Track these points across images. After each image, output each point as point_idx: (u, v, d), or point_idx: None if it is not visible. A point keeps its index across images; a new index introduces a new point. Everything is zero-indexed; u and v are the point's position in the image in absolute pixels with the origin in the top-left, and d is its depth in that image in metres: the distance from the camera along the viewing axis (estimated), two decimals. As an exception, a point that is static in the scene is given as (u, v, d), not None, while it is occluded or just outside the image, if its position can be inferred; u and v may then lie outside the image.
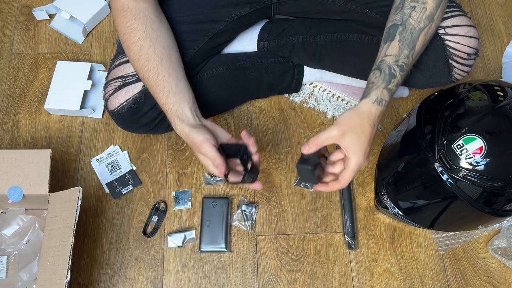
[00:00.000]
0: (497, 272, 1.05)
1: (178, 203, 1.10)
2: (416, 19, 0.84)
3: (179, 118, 0.87)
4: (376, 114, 0.81)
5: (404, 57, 0.84)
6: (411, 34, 0.84)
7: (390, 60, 0.83)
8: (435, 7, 0.85)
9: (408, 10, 0.85)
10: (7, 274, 1.01)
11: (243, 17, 1.04)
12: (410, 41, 0.84)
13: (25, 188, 0.95)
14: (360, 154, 0.79)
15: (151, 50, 0.89)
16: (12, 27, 1.31)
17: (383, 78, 0.82)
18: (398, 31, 0.84)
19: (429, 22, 0.85)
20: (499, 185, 0.86)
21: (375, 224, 1.09)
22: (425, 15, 0.85)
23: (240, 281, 1.04)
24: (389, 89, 0.82)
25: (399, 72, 0.83)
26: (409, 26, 0.84)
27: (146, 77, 0.90)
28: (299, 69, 1.16)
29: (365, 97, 0.81)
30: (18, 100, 1.21)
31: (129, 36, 0.90)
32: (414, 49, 0.85)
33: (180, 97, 0.89)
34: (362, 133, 0.79)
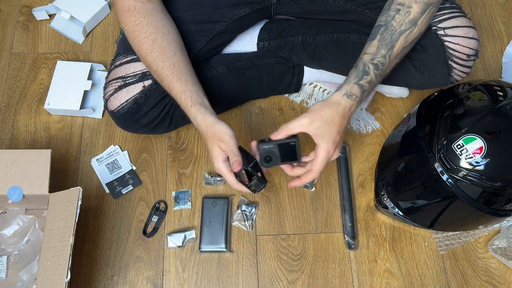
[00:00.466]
0: (497, 272, 1.05)
1: (178, 203, 1.10)
2: (398, 22, 0.86)
3: (203, 106, 0.87)
4: (346, 106, 0.83)
5: (381, 56, 0.85)
6: (391, 35, 0.86)
7: (367, 58, 0.85)
8: (419, 12, 0.86)
9: (393, 12, 0.86)
10: (7, 274, 1.01)
11: (244, 17, 1.04)
12: (389, 42, 0.86)
13: (25, 188, 0.95)
14: (329, 142, 0.82)
15: (164, 43, 0.90)
16: (12, 27, 1.31)
17: (356, 74, 0.85)
18: (380, 31, 0.86)
19: (411, 26, 0.86)
20: (499, 185, 0.86)
21: (375, 224, 1.09)
22: (408, 18, 0.86)
23: (240, 281, 1.04)
24: (360, 84, 0.84)
25: (373, 70, 0.85)
26: (390, 28, 0.86)
27: (161, 68, 0.90)
28: (299, 69, 1.16)
29: (337, 90, 0.85)
30: (18, 100, 1.21)
31: (140, 32, 0.90)
32: (392, 50, 0.86)
33: (198, 87, 0.90)
34: (331, 122, 0.82)
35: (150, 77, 0.98)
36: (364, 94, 0.85)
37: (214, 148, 0.86)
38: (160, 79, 0.91)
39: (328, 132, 0.82)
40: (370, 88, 0.86)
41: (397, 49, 0.86)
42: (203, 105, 0.88)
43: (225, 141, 0.84)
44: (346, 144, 1.16)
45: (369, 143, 1.17)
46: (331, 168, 1.14)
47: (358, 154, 1.16)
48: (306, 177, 0.86)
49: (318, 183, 1.13)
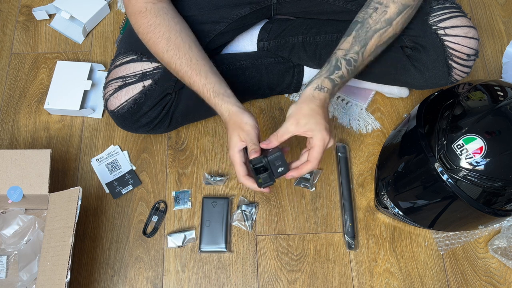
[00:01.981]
0: (497, 272, 1.05)
1: (178, 203, 1.10)
2: (374, 20, 0.87)
3: (226, 95, 0.88)
4: (320, 98, 0.85)
5: (354, 52, 0.87)
6: (366, 32, 0.87)
7: (340, 53, 0.87)
8: (396, 13, 0.87)
9: (370, 10, 0.88)
10: (7, 274, 1.01)
11: (244, 17, 1.04)
12: (363, 39, 0.87)
13: (25, 188, 0.95)
14: (322, 130, 0.83)
15: (179, 40, 0.90)
16: (12, 27, 1.31)
17: (327, 68, 0.87)
18: (356, 28, 0.88)
19: (386, 25, 0.88)
20: (499, 185, 0.86)
21: (375, 224, 1.09)
22: (384, 18, 0.87)
23: (240, 281, 1.04)
24: (331, 79, 0.86)
25: (345, 65, 0.87)
26: (366, 25, 0.87)
27: (179, 64, 0.90)
28: (299, 69, 1.16)
29: (307, 85, 0.86)
30: (18, 100, 1.21)
31: (154, 32, 0.91)
32: (366, 47, 0.87)
33: (219, 77, 0.91)
34: (314, 113, 0.84)
35: (150, 77, 0.98)
36: (336, 88, 0.87)
37: (234, 136, 0.86)
38: (181, 76, 0.92)
39: (316, 123, 0.83)
40: (342, 83, 0.88)
41: (371, 47, 0.88)
42: (226, 94, 0.89)
43: (245, 130, 0.85)
44: (346, 144, 1.17)
45: (369, 143, 1.17)
46: (331, 168, 1.14)
47: (358, 154, 1.16)
48: (305, 167, 0.85)
49: (318, 183, 1.13)
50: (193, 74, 0.89)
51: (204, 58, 0.91)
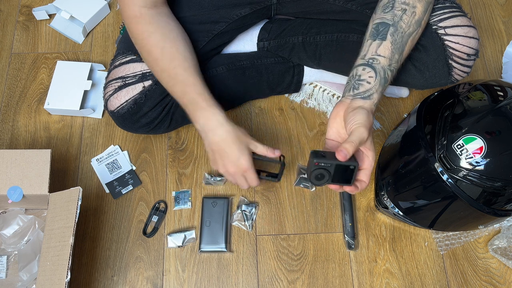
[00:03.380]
0: (497, 272, 1.05)
1: (178, 203, 1.10)
2: (407, 23, 0.85)
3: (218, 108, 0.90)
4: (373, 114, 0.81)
5: (395, 61, 0.84)
6: (402, 38, 0.84)
7: (385, 62, 0.82)
8: (423, 11, 0.86)
9: (399, 11, 0.84)
10: (7, 274, 1.02)
11: (244, 17, 1.04)
12: (400, 45, 0.84)
13: (25, 188, 0.95)
14: (373, 150, 0.79)
15: (173, 49, 0.90)
16: (12, 27, 1.31)
17: (379, 81, 0.81)
18: (389, 31, 0.83)
19: (417, 27, 0.86)
20: (499, 185, 0.86)
21: (375, 224, 1.09)
22: (415, 19, 0.85)
23: (240, 281, 1.04)
24: (382, 92, 0.83)
25: (391, 76, 0.84)
26: (400, 29, 0.84)
27: (174, 75, 0.90)
28: (299, 69, 1.16)
29: (368, 98, 0.80)
30: (18, 100, 1.21)
31: (148, 40, 0.90)
32: (403, 53, 0.85)
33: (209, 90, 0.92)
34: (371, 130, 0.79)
35: (150, 78, 0.98)
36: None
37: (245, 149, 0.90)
38: (171, 85, 0.92)
39: (372, 142, 0.79)
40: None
41: (406, 53, 0.86)
42: (219, 107, 0.90)
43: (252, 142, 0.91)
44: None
45: (369, 143, 1.17)
46: (331, 168, 1.14)
47: (358, 154, 1.16)
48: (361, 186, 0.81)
49: (318, 183, 1.13)
50: (188, 83, 0.90)
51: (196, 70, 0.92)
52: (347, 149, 0.74)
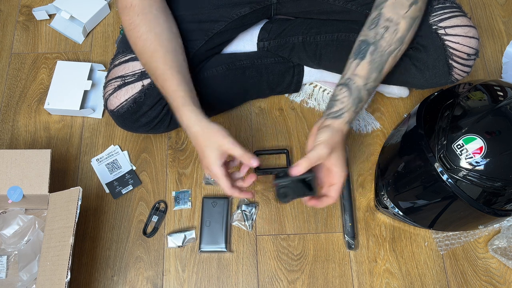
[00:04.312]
0: (497, 272, 1.05)
1: (178, 203, 1.10)
2: (388, 41, 0.85)
3: (196, 106, 0.87)
4: (346, 131, 0.85)
5: (373, 80, 0.86)
6: (381, 56, 0.85)
7: (360, 82, 0.85)
8: (406, 29, 0.86)
9: (382, 29, 0.85)
10: (7, 274, 1.02)
11: (243, 17, 1.04)
12: (379, 64, 0.85)
13: (25, 188, 0.95)
14: (343, 167, 0.84)
15: (156, 43, 0.89)
16: (12, 27, 1.31)
17: (352, 100, 0.85)
18: (369, 50, 0.85)
19: (399, 45, 0.86)
20: (499, 185, 0.86)
21: (375, 224, 1.09)
22: (397, 37, 0.86)
23: (240, 281, 1.04)
24: (356, 111, 0.86)
25: (367, 95, 0.86)
26: (380, 48, 0.85)
27: (154, 68, 0.90)
28: (299, 69, 1.16)
29: (338, 117, 0.84)
30: (18, 100, 1.21)
31: (133, 31, 0.90)
32: (382, 71, 0.86)
33: (190, 87, 0.90)
34: (340, 149, 0.84)
35: (149, 76, 0.98)
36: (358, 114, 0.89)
37: (212, 151, 0.84)
38: (154, 79, 0.92)
39: (340, 158, 0.83)
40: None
41: (386, 70, 0.87)
42: (196, 106, 0.87)
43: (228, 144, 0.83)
44: (346, 144, 1.17)
45: (369, 143, 1.17)
46: (331, 168, 1.14)
47: (358, 154, 1.16)
48: (325, 202, 0.86)
49: (318, 183, 1.13)
50: (165, 78, 0.88)
51: (178, 66, 0.90)
52: (301, 164, 0.80)
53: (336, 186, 0.84)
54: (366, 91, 0.86)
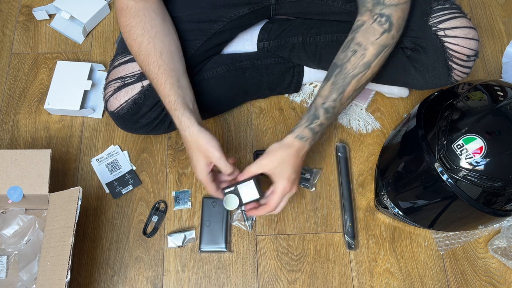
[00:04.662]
0: (497, 272, 1.05)
1: (178, 203, 1.10)
2: (353, 64, 0.86)
3: (188, 110, 0.88)
4: (298, 147, 0.88)
5: (331, 100, 0.87)
6: (344, 79, 0.87)
7: (319, 101, 0.88)
8: (374, 55, 0.86)
9: (350, 53, 0.87)
10: (7, 274, 1.02)
11: (242, 17, 1.04)
12: (341, 86, 0.87)
13: (25, 188, 0.95)
14: (284, 179, 0.87)
15: (150, 46, 0.89)
16: (12, 27, 1.31)
17: (307, 117, 0.88)
18: (335, 72, 0.88)
19: (364, 69, 0.87)
20: (499, 185, 0.86)
21: (375, 224, 1.09)
22: (362, 61, 0.86)
23: (240, 281, 1.04)
24: (311, 128, 0.88)
25: (324, 113, 0.88)
26: (344, 71, 0.87)
27: (148, 71, 0.90)
28: (299, 69, 1.16)
29: (290, 132, 0.89)
30: (18, 100, 1.21)
31: (129, 34, 0.91)
32: (343, 93, 0.87)
33: (185, 90, 0.90)
34: (286, 162, 0.87)
35: None
36: (317, 134, 0.89)
37: (200, 160, 0.88)
38: (150, 81, 0.92)
39: (283, 171, 0.87)
40: (324, 128, 0.90)
41: (348, 93, 0.88)
42: (189, 109, 0.88)
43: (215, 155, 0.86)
44: (346, 144, 1.17)
45: (369, 143, 1.17)
46: (331, 168, 1.14)
47: (358, 154, 1.16)
48: (262, 209, 0.90)
49: (318, 183, 1.13)
50: (158, 83, 0.89)
51: (172, 69, 0.90)
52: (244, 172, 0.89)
53: (273, 196, 0.88)
54: (323, 110, 0.87)
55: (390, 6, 0.84)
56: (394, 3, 0.84)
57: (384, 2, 0.84)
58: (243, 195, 0.90)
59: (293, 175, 0.88)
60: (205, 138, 0.86)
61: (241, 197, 0.90)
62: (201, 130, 0.87)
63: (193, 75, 1.04)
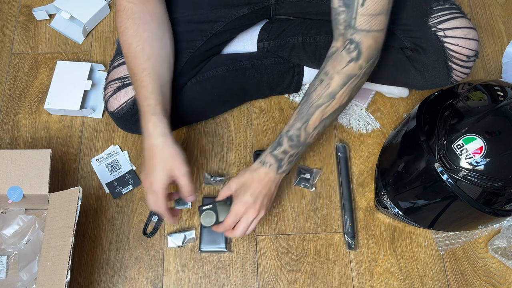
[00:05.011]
0: (497, 272, 1.05)
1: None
2: (317, 94, 0.85)
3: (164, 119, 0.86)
4: (261, 172, 0.89)
5: (295, 129, 0.87)
6: (309, 108, 0.86)
7: (284, 129, 0.89)
8: (340, 85, 0.84)
9: (317, 82, 0.86)
10: (7, 274, 1.02)
11: (242, 17, 1.04)
12: (305, 115, 0.86)
13: (25, 188, 0.95)
14: (239, 201, 0.88)
15: (139, 48, 0.89)
16: (12, 27, 1.31)
17: (273, 144, 0.90)
18: (302, 100, 0.87)
19: (328, 100, 0.85)
20: (499, 185, 0.86)
21: (375, 224, 1.09)
22: (327, 92, 0.85)
23: (240, 281, 1.04)
24: (274, 154, 0.89)
25: (287, 141, 0.88)
26: (309, 100, 0.86)
27: (132, 74, 0.90)
28: (299, 69, 1.16)
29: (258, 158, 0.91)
30: (18, 100, 1.21)
31: (122, 34, 0.91)
32: (308, 123, 0.86)
33: (164, 98, 0.89)
34: (246, 185, 0.89)
35: None
36: (283, 161, 0.89)
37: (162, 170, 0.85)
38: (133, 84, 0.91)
39: (240, 194, 0.89)
40: (294, 156, 0.90)
41: (313, 122, 0.87)
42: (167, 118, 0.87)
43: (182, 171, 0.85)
44: (346, 144, 1.17)
45: (369, 143, 1.17)
46: (331, 168, 1.14)
47: (358, 154, 1.16)
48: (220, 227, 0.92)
49: (318, 183, 1.13)
50: (140, 85, 0.88)
51: (159, 74, 0.89)
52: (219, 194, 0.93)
53: (228, 216, 0.90)
54: (286, 137, 0.88)
55: (360, 31, 0.81)
56: (366, 29, 0.80)
57: (354, 26, 0.81)
58: (220, 213, 0.93)
59: (249, 199, 0.88)
60: (177, 151, 0.85)
61: (218, 215, 0.93)
62: (175, 143, 0.86)
63: (192, 76, 1.04)
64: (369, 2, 0.79)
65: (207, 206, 0.93)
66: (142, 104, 0.88)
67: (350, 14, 0.80)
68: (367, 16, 0.80)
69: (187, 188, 0.86)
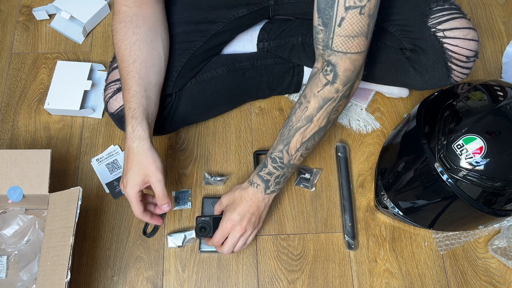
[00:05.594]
0: (497, 272, 1.05)
1: (178, 203, 1.10)
2: (297, 117, 0.86)
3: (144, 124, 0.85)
4: (252, 192, 0.92)
5: (278, 151, 0.89)
6: (289, 131, 0.87)
7: (269, 150, 0.91)
8: (316, 108, 0.84)
9: (297, 104, 0.87)
10: (7, 274, 1.02)
11: (241, 18, 1.04)
12: (286, 138, 0.88)
13: (25, 188, 0.95)
14: (227, 218, 0.92)
15: (126, 52, 0.89)
16: (12, 27, 1.31)
17: (259, 165, 0.93)
18: (285, 123, 0.89)
19: (307, 123, 0.85)
20: (499, 185, 0.86)
21: (375, 224, 1.09)
22: (305, 115, 0.85)
23: (240, 281, 1.04)
24: (260, 175, 0.92)
25: (271, 163, 0.90)
26: (290, 123, 0.87)
27: (121, 77, 0.91)
28: (298, 70, 1.16)
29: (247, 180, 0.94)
30: (18, 100, 1.21)
31: (113, 38, 0.92)
32: (289, 145, 0.88)
33: (147, 103, 0.88)
34: (235, 203, 0.93)
35: None
36: (269, 182, 0.91)
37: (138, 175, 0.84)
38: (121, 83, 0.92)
39: (229, 211, 0.93)
40: (276, 177, 0.91)
41: (294, 144, 0.87)
42: (147, 122, 0.86)
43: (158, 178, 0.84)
44: (346, 144, 1.17)
45: (369, 143, 1.17)
46: (331, 168, 1.14)
47: (358, 154, 1.16)
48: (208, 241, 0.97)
49: (318, 183, 1.13)
50: (124, 87, 0.88)
51: (142, 78, 0.88)
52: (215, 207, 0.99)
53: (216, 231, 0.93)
54: (270, 159, 0.90)
55: (337, 53, 0.78)
56: (342, 50, 0.78)
57: (331, 47, 0.78)
58: (214, 226, 0.96)
59: (236, 217, 0.91)
60: (153, 157, 0.84)
61: (212, 228, 0.97)
62: (152, 148, 0.85)
63: (192, 76, 1.04)
64: (347, 23, 0.75)
65: (204, 218, 0.98)
66: (125, 107, 0.88)
67: (328, 34, 0.78)
68: (344, 37, 0.77)
69: (161, 196, 0.86)
